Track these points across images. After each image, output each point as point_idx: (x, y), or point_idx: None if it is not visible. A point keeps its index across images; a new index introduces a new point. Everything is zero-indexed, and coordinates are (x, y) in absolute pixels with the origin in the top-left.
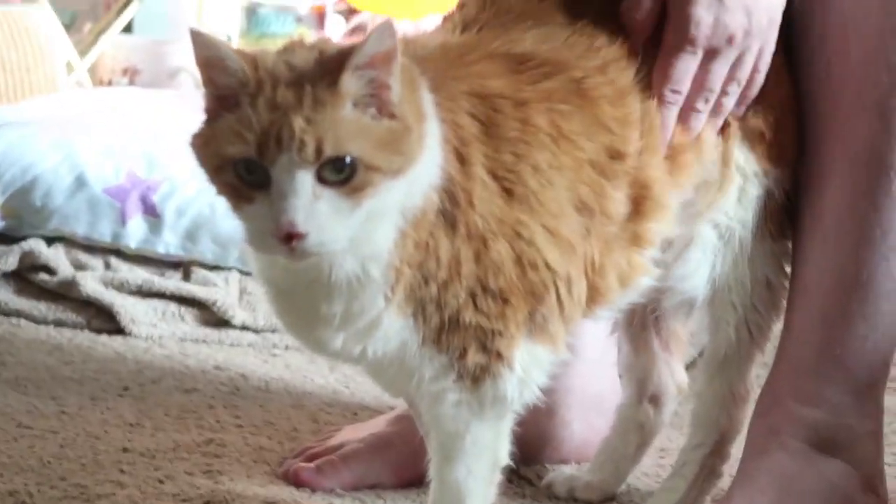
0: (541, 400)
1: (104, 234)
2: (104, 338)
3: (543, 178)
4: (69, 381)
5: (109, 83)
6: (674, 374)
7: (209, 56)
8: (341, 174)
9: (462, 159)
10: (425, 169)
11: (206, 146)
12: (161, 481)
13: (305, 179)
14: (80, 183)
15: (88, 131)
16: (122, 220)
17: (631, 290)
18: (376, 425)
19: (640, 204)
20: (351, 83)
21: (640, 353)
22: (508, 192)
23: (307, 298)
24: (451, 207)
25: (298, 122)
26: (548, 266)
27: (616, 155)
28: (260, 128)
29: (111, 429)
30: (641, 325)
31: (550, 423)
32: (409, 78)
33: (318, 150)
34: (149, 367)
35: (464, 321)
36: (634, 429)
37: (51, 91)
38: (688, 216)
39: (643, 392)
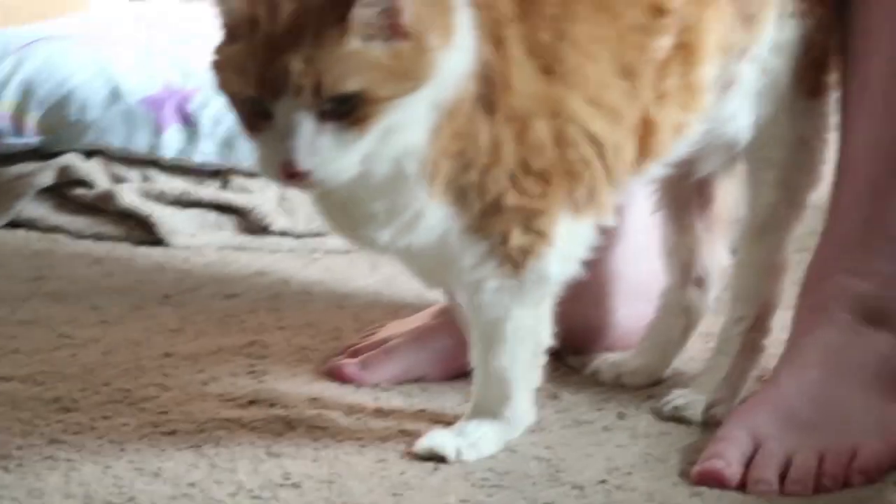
0: (582, 286)
1: (140, 145)
2: (143, 249)
3: (584, 53)
4: (110, 291)
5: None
6: (717, 255)
7: None
8: (344, 106)
9: (497, 42)
10: (457, 59)
11: (218, 74)
12: (205, 383)
13: (305, 119)
14: (114, 95)
15: (122, 44)
16: (158, 130)
17: (684, 138)
18: (419, 319)
19: (687, 51)
20: (361, 17)
21: (683, 235)
22: (547, 71)
23: (350, 199)
24: (489, 91)
25: (296, 64)
26: (591, 139)
27: (659, 12)
28: (257, 68)
29: (153, 335)
30: (684, 205)
31: (595, 312)
32: None
33: (317, 91)
34: (189, 275)
35: (505, 204)
36: (679, 313)
37: (82, 9)
38: (730, 56)
39: (687, 275)
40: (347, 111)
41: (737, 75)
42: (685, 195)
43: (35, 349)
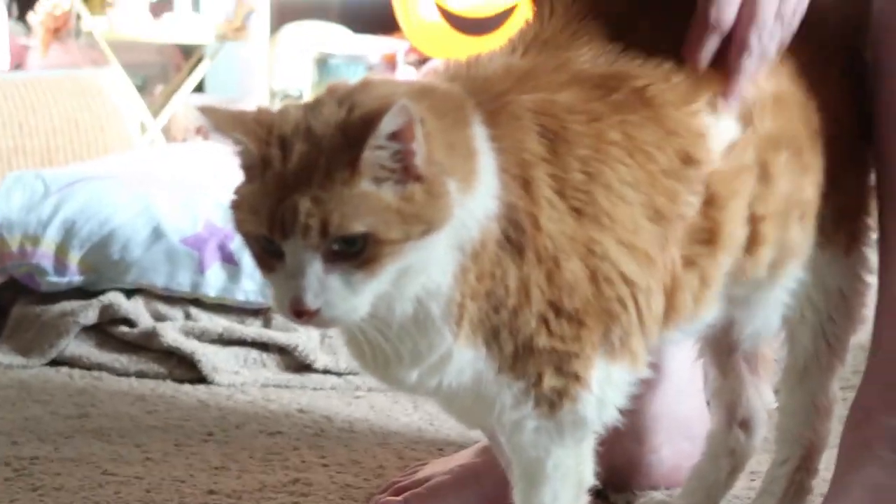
0: (626, 424)
1: (183, 284)
2: (187, 387)
3: (616, 196)
4: (153, 429)
5: (183, 142)
6: (763, 397)
7: (219, 133)
8: (353, 248)
9: (525, 184)
10: (479, 202)
11: (234, 214)
12: None
13: (313, 259)
14: (157, 234)
15: (163, 184)
16: (201, 269)
17: (702, 312)
18: (463, 457)
19: (711, 234)
20: (371, 160)
21: (727, 378)
22: (578, 212)
23: (376, 339)
24: (516, 234)
25: (304, 204)
26: (625, 279)
27: (688, 160)
28: (268, 207)
29: (196, 473)
30: (728, 349)
31: (639, 450)
32: (454, 119)
33: (324, 232)
34: (232, 412)
35: (537, 346)
36: (725, 455)
37: (125, 149)
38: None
39: (733, 417)
40: (356, 252)
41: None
42: (727, 338)
43: (79, 486)
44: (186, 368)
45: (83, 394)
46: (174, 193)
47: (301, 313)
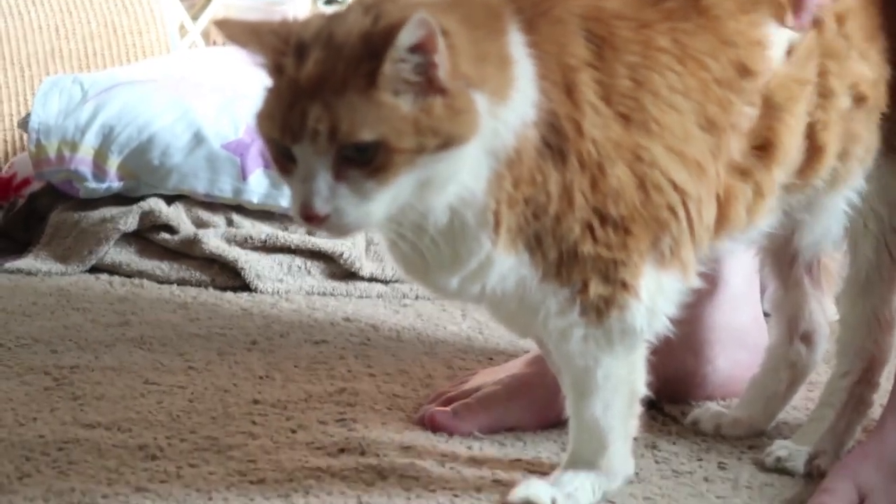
0: (680, 334)
1: (225, 190)
2: (229, 295)
3: (665, 103)
4: (195, 337)
5: (223, 45)
6: (825, 310)
7: (235, 45)
8: (364, 156)
9: (568, 89)
10: (515, 111)
11: (256, 119)
12: (293, 431)
13: (322, 166)
14: (197, 139)
15: (204, 88)
16: (243, 175)
17: (757, 222)
18: (512, 367)
19: (767, 149)
20: (391, 72)
21: (789, 290)
22: (625, 118)
23: (415, 246)
24: (557, 140)
25: (314, 109)
26: (675, 187)
27: (745, 71)
28: (281, 112)
29: (240, 382)
30: (788, 259)
31: (694, 360)
32: (488, 29)
33: (332, 137)
34: (276, 321)
35: (582, 253)
36: (785, 367)
37: (164, 53)
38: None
39: (794, 330)
40: (367, 160)
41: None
42: (789, 248)
43: (120, 396)
44: (229, 276)
45: (124, 301)
46: (214, 98)
47: (311, 218)
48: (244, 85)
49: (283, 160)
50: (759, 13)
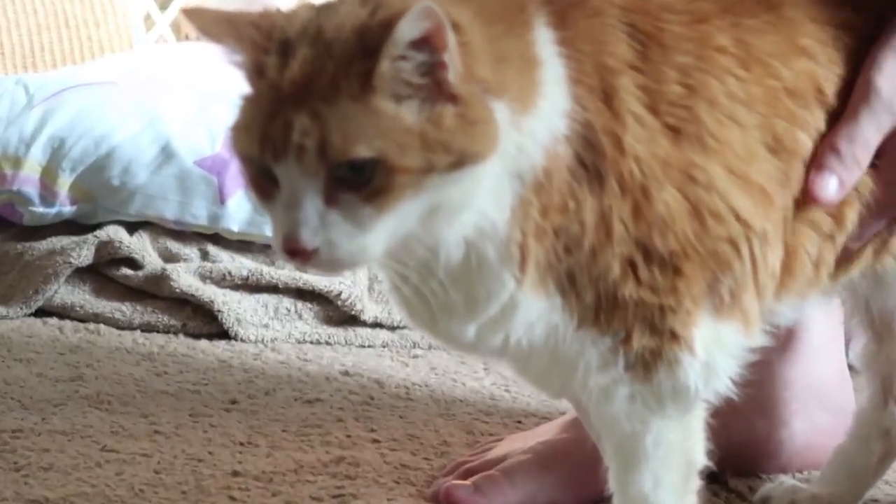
0: (747, 392)
1: (199, 216)
2: (204, 343)
3: (724, 114)
4: (163, 395)
5: (197, 39)
6: None
7: (211, 37)
8: (360, 176)
9: (606, 96)
10: (542, 123)
11: (230, 131)
12: None
13: (310, 189)
14: (166, 154)
15: (174, 92)
16: (221, 197)
17: (829, 280)
18: (545, 432)
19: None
20: (390, 72)
21: (883, 343)
22: (675, 131)
23: (422, 287)
24: (593, 158)
25: (299, 119)
26: (737, 217)
27: (819, 93)
28: (260, 123)
29: (217, 449)
30: (882, 308)
31: (765, 424)
32: (509, 24)
33: (322, 154)
34: (260, 375)
35: (623, 296)
36: (878, 436)
37: (125, 49)
38: None
39: (889, 391)
40: (364, 182)
41: None
42: (883, 293)
43: (72, 466)
44: (204, 320)
45: (77, 351)
46: (187, 104)
47: (296, 252)
48: (223, 88)
49: (262, 182)
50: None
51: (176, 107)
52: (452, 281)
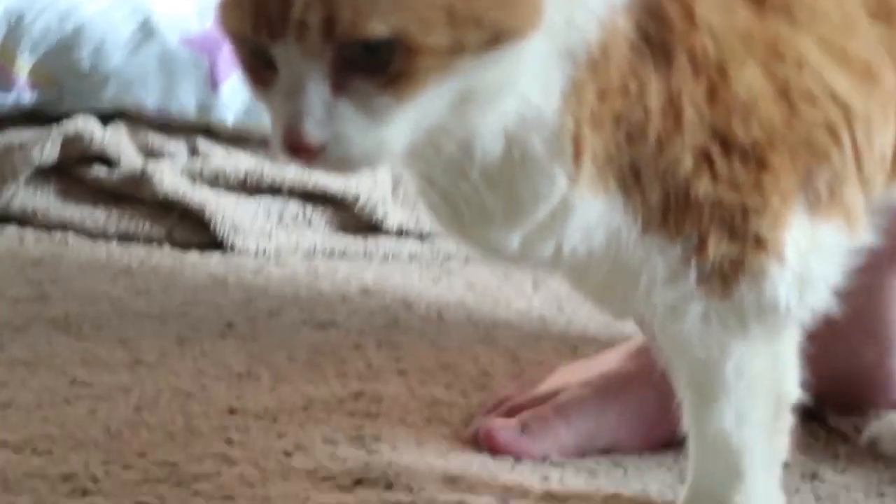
0: (850, 312)
1: (186, 104)
2: (193, 255)
3: None
4: (145, 318)
5: None
6: None
7: None
8: (375, 57)
9: None
10: None
11: (218, 8)
12: (288, 453)
13: (315, 73)
14: (146, 31)
15: None
16: (213, 82)
17: None
18: (606, 363)
19: None
20: None
21: None
22: (758, 0)
23: (455, 189)
24: (659, 31)
25: None
26: (834, 98)
27: None
28: None
29: (210, 382)
30: None
31: (874, 350)
32: None
33: (328, 31)
34: (262, 294)
35: (697, 195)
36: None
37: None
38: None
39: None
40: (380, 64)
41: None
42: None
43: (36, 403)
44: (193, 228)
45: (40, 265)
46: None
47: (299, 148)
48: None
49: (257, 67)
50: None
51: None
52: (490, 182)
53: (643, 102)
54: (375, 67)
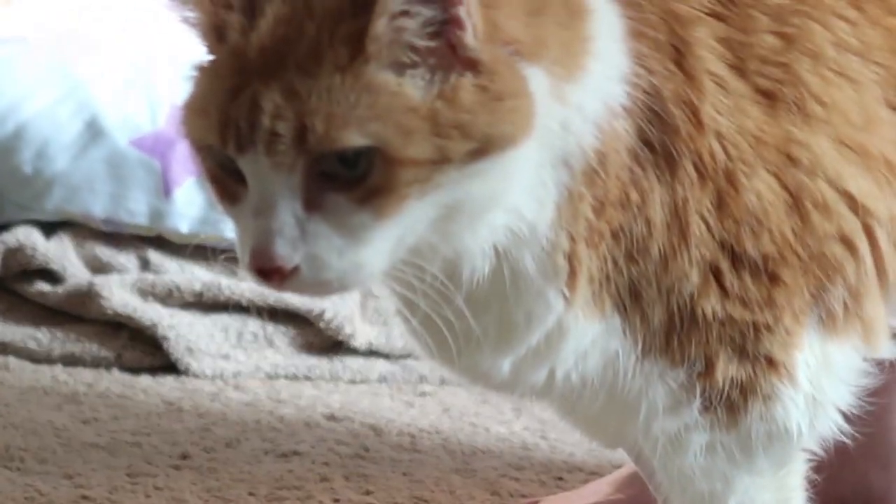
0: (860, 438)
1: (137, 212)
2: (145, 379)
3: (832, 70)
4: (92, 449)
5: None
6: None
7: None
8: (353, 171)
9: (678, 53)
10: (594, 92)
11: (182, 113)
12: None
13: (285, 187)
14: (94, 131)
15: (103, 50)
16: (166, 188)
17: None
18: (594, 493)
19: None
20: (386, 33)
21: None
22: (769, 97)
23: (439, 309)
24: (662, 136)
25: (270, 97)
26: (852, 203)
27: None
28: (220, 102)
29: None
30: None
31: (882, 477)
32: None
33: (301, 142)
34: (220, 421)
35: (704, 314)
36: None
37: None
38: None
39: None
40: (357, 178)
41: None
42: None
43: None
44: (144, 350)
45: None
46: (120, 66)
47: (269, 272)
48: (169, 42)
49: (223, 179)
50: None
51: (105, 70)
52: (478, 305)
53: (645, 214)
54: (351, 181)
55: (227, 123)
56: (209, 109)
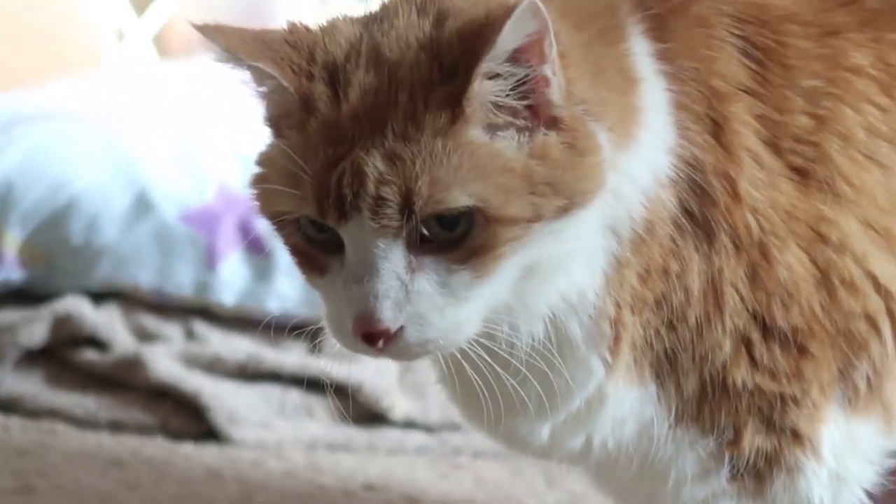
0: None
1: (183, 284)
2: (188, 447)
3: (861, 153)
4: None
5: (185, 58)
6: None
7: (233, 63)
8: (453, 233)
9: (717, 128)
10: (644, 161)
11: (258, 189)
12: None
13: (390, 252)
14: (142, 206)
15: (153, 126)
16: (211, 261)
17: None
18: None
19: None
20: (480, 95)
21: None
22: (801, 174)
23: (485, 375)
24: (701, 206)
25: (374, 164)
26: (876, 284)
27: None
28: (315, 173)
29: None
30: None
31: None
32: (599, 30)
33: (407, 207)
34: (261, 489)
35: (734, 383)
36: None
37: (91, 70)
38: None
39: None
40: (457, 239)
41: None
42: None
43: None
44: (188, 418)
45: (25, 455)
46: (170, 142)
47: (374, 336)
48: (217, 121)
49: (310, 252)
50: None
51: (155, 146)
52: (527, 367)
53: (685, 283)
54: (450, 242)
55: (326, 193)
56: (301, 181)
